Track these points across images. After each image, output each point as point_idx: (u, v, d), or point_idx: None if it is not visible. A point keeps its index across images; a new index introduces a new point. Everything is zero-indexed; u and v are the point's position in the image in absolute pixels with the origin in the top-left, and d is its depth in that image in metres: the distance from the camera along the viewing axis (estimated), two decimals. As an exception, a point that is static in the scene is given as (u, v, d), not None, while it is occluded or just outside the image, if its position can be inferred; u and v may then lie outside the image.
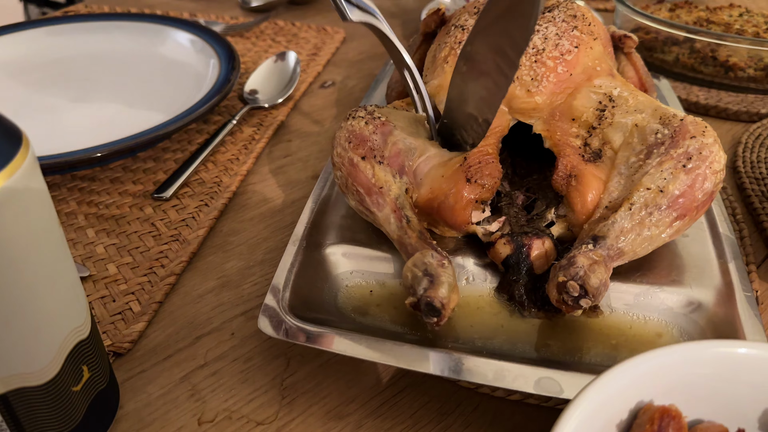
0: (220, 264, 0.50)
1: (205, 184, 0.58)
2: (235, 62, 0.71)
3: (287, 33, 0.92)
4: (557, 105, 0.46)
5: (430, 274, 0.38)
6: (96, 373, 0.34)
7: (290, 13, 0.99)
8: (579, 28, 0.49)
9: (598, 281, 0.37)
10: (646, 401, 0.29)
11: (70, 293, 0.31)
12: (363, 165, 0.44)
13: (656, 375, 0.29)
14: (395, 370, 0.41)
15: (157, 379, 0.40)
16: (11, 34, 0.79)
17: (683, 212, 0.41)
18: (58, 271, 0.30)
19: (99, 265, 0.49)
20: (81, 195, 0.57)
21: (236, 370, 0.41)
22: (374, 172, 0.43)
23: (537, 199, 0.47)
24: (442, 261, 0.39)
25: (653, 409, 0.28)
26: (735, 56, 0.68)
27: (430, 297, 0.37)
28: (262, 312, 0.39)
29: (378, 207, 0.43)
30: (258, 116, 0.69)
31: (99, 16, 0.84)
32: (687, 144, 0.41)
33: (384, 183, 0.43)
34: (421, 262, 0.39)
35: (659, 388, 0.29)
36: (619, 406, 0.29)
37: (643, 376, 0.29)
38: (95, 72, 0.76)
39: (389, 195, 0.43)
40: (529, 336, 0.40)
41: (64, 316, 0.31)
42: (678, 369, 0.29)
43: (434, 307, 0.36)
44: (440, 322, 0.37)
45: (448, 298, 0.37)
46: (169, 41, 0.79)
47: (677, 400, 0.29)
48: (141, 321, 0.44)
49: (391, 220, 0.43)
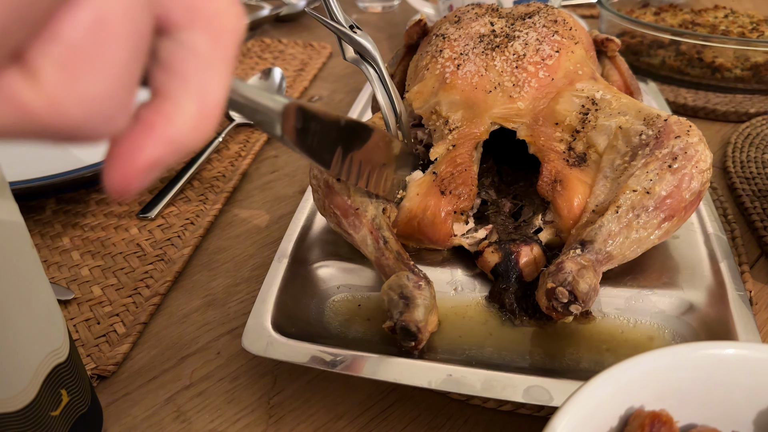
0: (206, 282, 0.49)
1: (191, 202, 0.58)
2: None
3: (274, 50, 0.92)
4: (540, 110, 0.46)
5: (406, 297, 0.37)
6: (76, 397, 0.33)
7: (277, 30, 0.99)
8: (560, 32, 0.48)
9: (587, 286, 0.37)
10: (636, 407, 0.28)
11: (46, 315, 0.31)
12: (338, 186, 0.43)
13: (646, 380, 0.28)
14: (384, 385, 0.40)
15: (141, 402, 0.40)
16: None
17: (671, 213, 0.40)
18: (31, 293, 0.29)
19: (84, 287, 0.49)
20: (66, 217, 0.57)
21: (222, 390, 0.40)
22: (350, 194, 0.43)
23: (524, 205, 0.46)
24: (419, 282, 0.38)
25: (643, 414, 0.27)
26: (721, 57, 0.67)
27: (405, 321, 0.36)
28: (246, 330, 0.38)
29: (355, 229, 0.43)
30: (244, 133, 0.69)
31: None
32: (672, 144, 0.41)
33: (360, 204, 0.42)
34: (397, 284, 0.38)
35: (649, 393, 0.28)
36: (609, 413, 0.28)
37: (632, 381, 0.28)
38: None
39: (365, 216, 0.42)
40: (520, 344, 0.39)
41: (39, 339, 0.30)
42: (668, 373, 0.29)
43: (410, 331, 0.36)
44: (417, 346, 0.36)
45: (424, 321, 0.36)
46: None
47: (669, 404, 0.28)
48: (125, 343, 0.43)
49: (368, 241, 0.42)
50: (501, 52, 0.47)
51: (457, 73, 0.47)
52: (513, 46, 0.47)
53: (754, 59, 0.66)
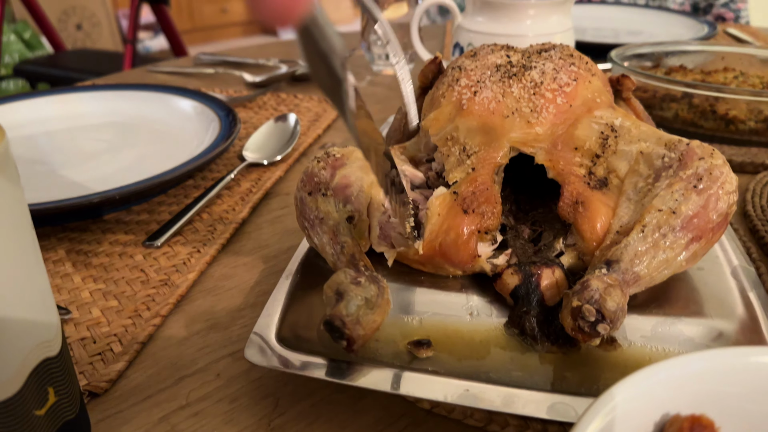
0: (209, 307, 0.47)
1: (198, 232, 0.57)
2: (234, 119, 0.71)
3: (289, 103, 0.93)
4: (558, 135, 0.45)
5: (340, 293, 0.35)
6: (64, 399, 0.31)
7: (292, 88, 1.01)
8: (576, 64, 0.49)
9: (615, 304, 0.34)
10: (672, 414, 0.26)
11: (38, 302, 0.29)
12: (309, 200, 0.44)
13: (683, 385, 0.26)
14: (395, 409, 0.37)
15: (133, 420, 0.37)
16: (24, 100, 0.80)
17: (699, 234, 0.38)
18: (25, 273, 0.28)
19: (83, 308, 0.47)
20: (71, 244, 0.55)
21: (220, 411, 0.37)
22: (317, 205, 0.43)
23: (543, 231, 0.45)
24: (357, 279, 0.36)
25: (682, 418, 0.25)
26: (735, 109, 0.68)
27: (330, 316, 0.34)
28: (250, 341, 0.36)
29: (318, 237, 0.43)
30: (256, 172, 0.69)
31: (104, 87, 0.85)
32: (696, 165, 0.40)
33: (325, 213, 0.43)
34: (334, 281, 0.36)
35: (686, 399, 0.26)
36: (641, 419, 0.26)
37: (667, 385, 0.26)
38: (93, 137, 0.76)
39: (327, 224, 0.42)
40: (541, 370, 0.36)
41: (30, 325, 0.28)
42: (707, 379, 0.26)
43: (333, 325, 0.33)
44: (351, 346, 0.34)
45: (353, 316, 0.34)
46: (170, 107, 0.80)
47: (707, 412, 0.26)
48: (121, 361, 0.41)
49: (327, 248, 0.42)
50: (518, 80, 0.47)
51: (474, 99, 0.47)
52: (530, 75, 0.47)
53: (767, 112, 0.66)
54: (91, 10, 3.13)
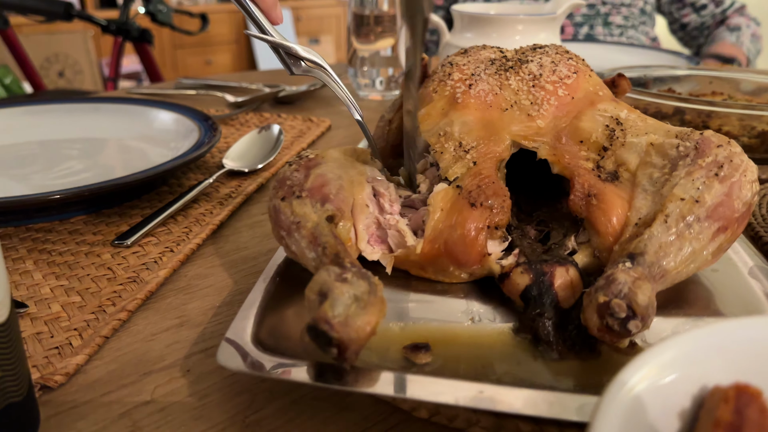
0: (181, 305, 0.43)
1: (172, 233, 0.53)
2: (213, 125, 0.68)
3: (272, 122, 0.90)
4: (562, 128, 0.43)
5: (323, 293, 0.30)
6: (9, 377, 0.27)
7: (276, 109, 0.99)
8: (574, 59, 0.47)
9: (646, 298, 0.31)
10: (710, 385, 0.23)
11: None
12: (282, 206, 0.40)
13: (723, 353, 0.23)
14: (383, 406, 0.33)
15: (90, 415, 0.33)
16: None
17: (725, 224, 0.36)
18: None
19: (41, 304, 0.43)
20: (34, 244, 0.51)
21: (189, 407, 0.33)
22: (292, 209, 0.39)
23: (551, 230, 0.42)
24: (343, 275, 0.31)
25: (725, 388, 0.22)
26: (727, 125, 0.67)
27: (313, 320, 0.29)
28: (224, 342, 0.33)
29: (296, 244, 0.38)
30: (237, 179, 0.65)
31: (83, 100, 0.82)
32: (715, 153, 0.38)
33: (301, 217, 0.38)
34: (317, 281, 0.31)
35: (727, 368, 0.23)
36: (679, 390, 0.22)
37: (705, 354, 0.23)
38: (70, 148, 0.73)
39: (305, 227, 0.38)
40: (557, 377, 0.32)
41: (-27, 285, 0.25)
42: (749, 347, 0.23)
43: (318, 331, 0.28)
44: (343, 353, 0.28)
45: (341, 317, 0.29)
46: (150, 119, 0.77)
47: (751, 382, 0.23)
48: (80, 354, 0.37)
49: (307, 253, 0.37)
50: (515, 72, 0.46)
51: (470, 92, 0.45)
52: (528, 68, 0.46)
53: (760, 127, 0.65)
54: (74, 57, 3.11)
